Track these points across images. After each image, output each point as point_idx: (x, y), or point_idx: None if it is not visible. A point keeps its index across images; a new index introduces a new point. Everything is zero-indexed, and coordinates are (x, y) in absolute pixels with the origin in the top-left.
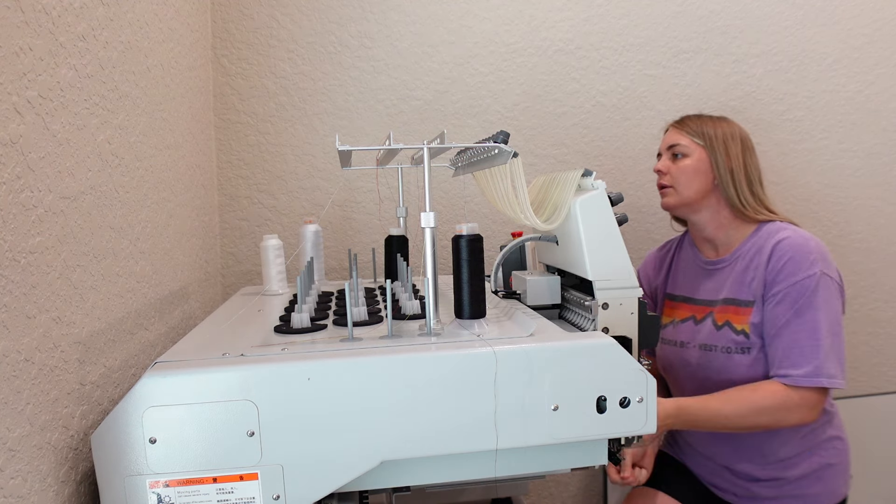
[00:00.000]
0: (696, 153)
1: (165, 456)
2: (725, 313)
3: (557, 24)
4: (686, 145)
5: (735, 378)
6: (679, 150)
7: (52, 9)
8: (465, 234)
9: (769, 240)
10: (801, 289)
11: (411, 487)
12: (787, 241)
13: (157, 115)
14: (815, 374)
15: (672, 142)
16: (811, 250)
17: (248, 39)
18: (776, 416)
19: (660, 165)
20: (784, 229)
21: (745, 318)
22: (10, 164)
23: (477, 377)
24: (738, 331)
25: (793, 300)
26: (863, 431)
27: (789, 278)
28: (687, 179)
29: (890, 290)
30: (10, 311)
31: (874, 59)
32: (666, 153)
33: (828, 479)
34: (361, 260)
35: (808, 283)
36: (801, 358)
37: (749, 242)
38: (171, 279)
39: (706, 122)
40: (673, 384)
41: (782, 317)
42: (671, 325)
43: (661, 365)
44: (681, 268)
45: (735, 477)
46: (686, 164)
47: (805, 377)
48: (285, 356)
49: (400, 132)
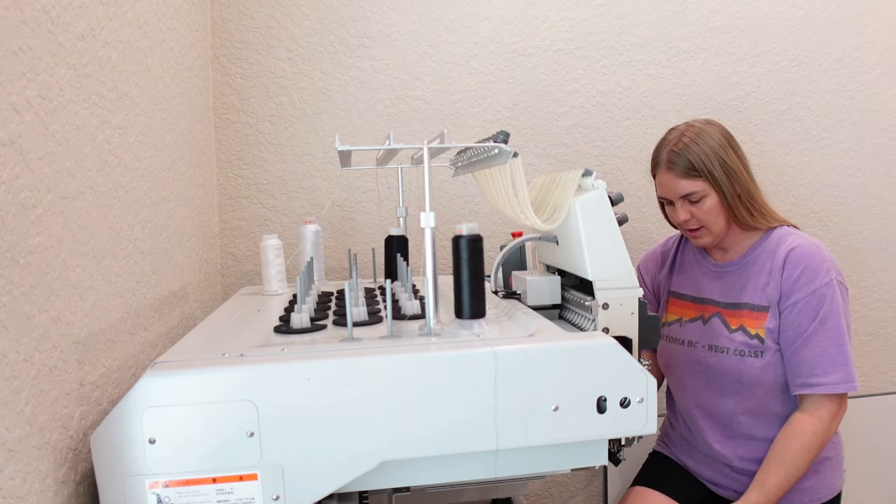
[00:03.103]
0: (711, 191)
1: (165, 456)
2: (739, 317)
3: (557, 24)
4: (700, 190)
5: (746, 381)
6: (695, 197)
7: (52, 8)
8: (465, 234)
9: (780, 246)
10: (820, 297)
11: (411, 487)
12: (800, 249)
13: (156, 115)
14: (847, 379)
15: (684, 191)
16: (824, 258)
17: (248, 39)
18: (824, 439)
19: (682, 216)
20: (791, 234)
21: (761, 322)
22: (9, 163)
23: (477, 377)
24: (752, 335)
25: (814, 309)
26: (863, 431)
27: (807, 287)
28: (714, 217)
29: (890, 290)
30: (10, 312)
31: (874, 59)
32: (680, 201)
33: (824, 472)
34: (361, 260)
35: (825, 291)
36: (831, 366)
37: (759, 247)
38: (170, 279)
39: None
40: (676, 382)
41: (806, 326)
42: (677, 323)
43: (664, 362)
44: (686, 267)
45: (737, 474)
46: (708, 205)
47: (837, 384)
48: (285, 356)
49: (400, 132)
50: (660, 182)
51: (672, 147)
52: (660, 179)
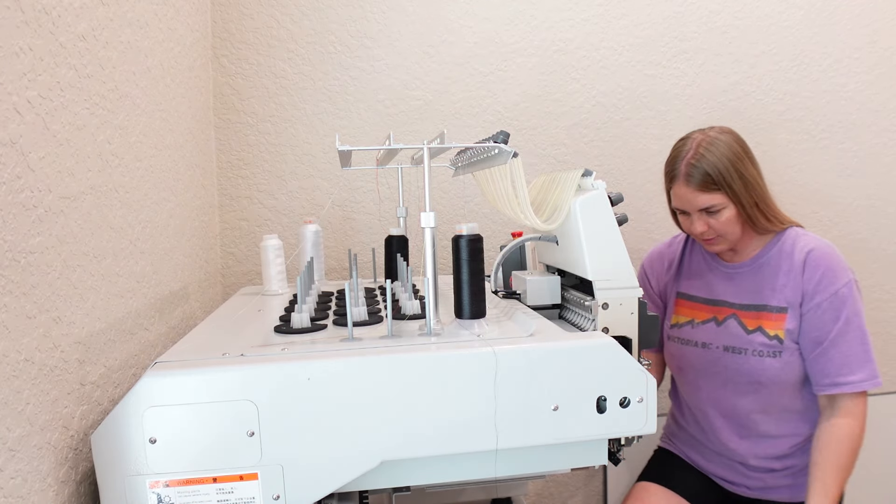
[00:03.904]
0: (729, 204)
1: (165, 456)
2: (757, 318)
3: (557, 24)
4: (719, 203)
5: (764, 380)
6: (713, 209)
7: (52, 9)
8: (465, 234)
9: (795, 248)
10: (842, 298)
11: (411, 487)
12: (818, 251)
13: (157, 115)
14: (873, 375)
15: (703, 205)
16: (840, 258)
17: (248, 39)
18: (862, 440)
19: (699, 228)
20: (804, 236)
21: (780, 323)
22: (10, 164)
23: (477, 377)
24: (771, 336)
25: (837, 310)
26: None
27: (829, 288)
28: (731, 227)
29: (890, 290)
30: (10, 311)
31: (874, 59)
32: (697, 214)
33: None
34: (361, 260)
35: (846, 291)
36: (857, 364)
37: (773, 248)
38: (170, 279)
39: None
40: (689, 383)
41: (831, 328)
42: (689, 325)
43: (675, 364)
44: (694, 268)
45: (750, 470)
46: (726, 217)
47: (864, 381)
48: (285, 356)
49: (400, 132)
50: (676, 194)
51: (690, 159)
52: (676, 192)
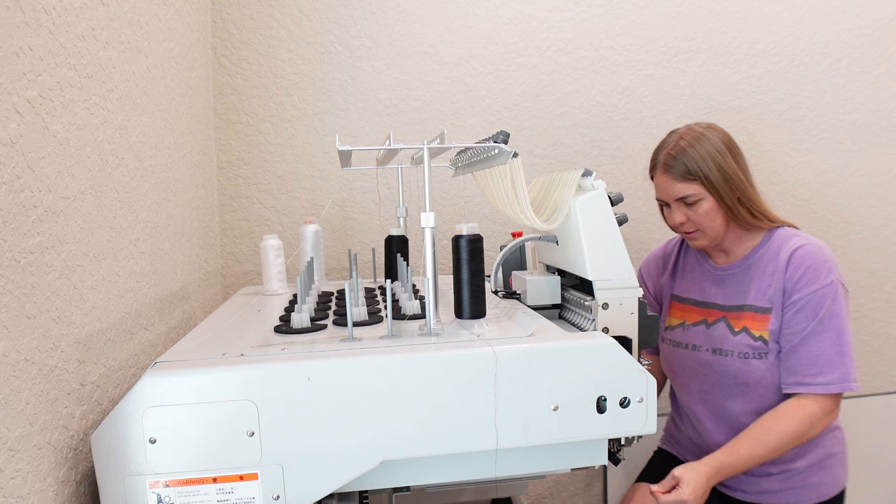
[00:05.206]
0: (706, 195)
1: (165, 456)
2: (742, 319)
3: (557, 24)
4: (695, 193)
5: (751, 382)
6: (690, 200)
7: (52, 9)
8: (465, 234)
9: (783, 247)
10: (821, 297)
11: (411, 487)
12: (804, 249)
13: (157, 115)
14: (843, 379)
15: (679, 194)
16: (826, 258)
17: (248, 39)
18: (805, 435)
19: (678, 218)
20: (794, 236)
21: (764, 324)
22: (10, 164)
23: (477, 377)
24: (756, 337)
25: (814, 309)
26: (863, 431)
27: (809, 286)
28: (710, 221)
29: (890, 290)
30: (10, 311)
31: (874, 59)
32: (676, 204)
33: (830, 468)
34: (361, 260)
35: (827, 291)
36: (828, 365)
37: (761, 250)
38: (170, 279)
39: (690, 152)
40: (681, 386)
41: (804, 326)
42: (680, 327)
43: (668, 367)
44: (688, 270)
45: (745, 474)
46: (703, 209)
47: (834, 384)
48: (285, 356)
49: (400, 132)
50: (657, 184)
51: (670, 150)
52: (657, 181)
